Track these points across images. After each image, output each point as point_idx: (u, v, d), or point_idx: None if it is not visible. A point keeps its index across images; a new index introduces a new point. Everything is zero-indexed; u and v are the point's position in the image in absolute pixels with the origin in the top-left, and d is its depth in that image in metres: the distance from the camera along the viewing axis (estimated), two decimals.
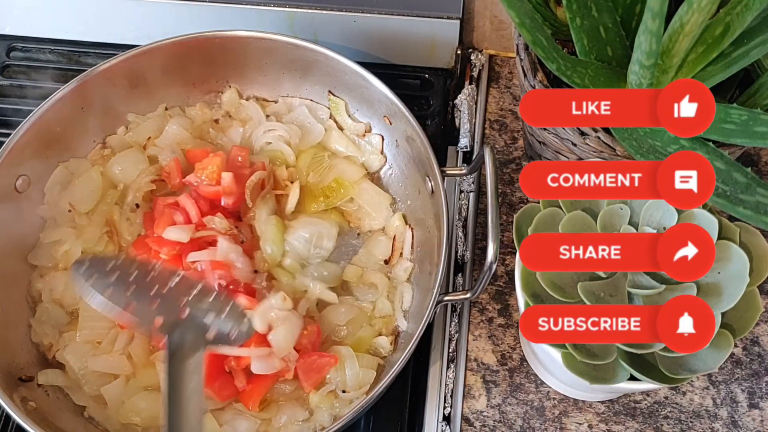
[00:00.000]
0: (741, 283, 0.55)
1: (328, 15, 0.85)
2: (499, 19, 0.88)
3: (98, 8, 0.89)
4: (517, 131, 0.85)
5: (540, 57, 0.57)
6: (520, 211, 0.62)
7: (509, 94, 0.89)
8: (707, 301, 0.52)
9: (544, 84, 0.65)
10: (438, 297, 0.65)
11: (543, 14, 0.64)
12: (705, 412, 0.70)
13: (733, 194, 0.54)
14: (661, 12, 0.48)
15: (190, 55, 0.78)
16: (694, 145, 0.57)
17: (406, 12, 0.84)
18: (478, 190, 0.82)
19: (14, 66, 0.91)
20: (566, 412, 0.70)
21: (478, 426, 0.70)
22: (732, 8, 0.54)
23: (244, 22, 0.85)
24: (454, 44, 0.87)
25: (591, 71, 0.60)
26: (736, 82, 0.65)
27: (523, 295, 0.59)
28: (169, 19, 0.87)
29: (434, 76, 0.89)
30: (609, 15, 0.60)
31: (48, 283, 0.72)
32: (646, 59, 0.53)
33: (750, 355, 0.73)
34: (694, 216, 0.57)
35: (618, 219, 0.58)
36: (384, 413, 0.70)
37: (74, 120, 0.75)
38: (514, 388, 0.72)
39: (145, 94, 0.79)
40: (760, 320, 0.73)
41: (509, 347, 0.74)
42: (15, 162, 0.71)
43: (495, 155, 0.65)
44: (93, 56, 0.91)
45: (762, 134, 0.54)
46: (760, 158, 0.84)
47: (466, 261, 0.78)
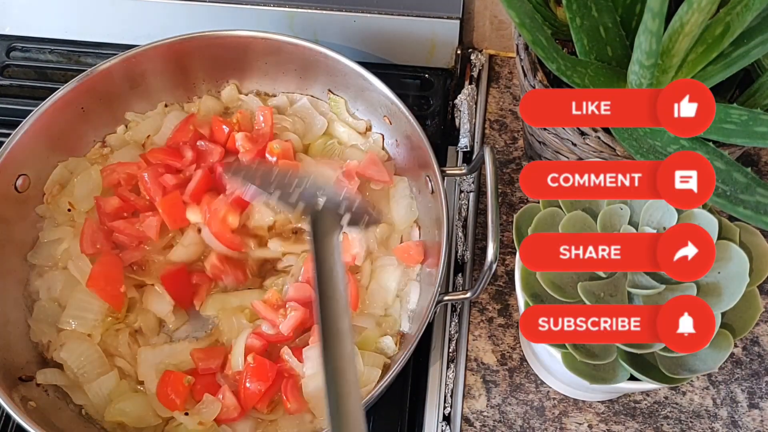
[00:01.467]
0: (741, 283, 0.55)
1: (328, 15, 0.85)
2: (499, 19, 0.88)
3: (98, 8, 0.89)
4: (517, 131, 0.85)
5: (540, 57, 0.57)
6: (520, 211, 0.62)
7: (509, 94, 0.89)
8: (707, 301, 0.52)
9: (544, 84, 0.65)
10: (438, 297, 0.65)
11: (543, 14, 0.64)
12: (705, 412, 0.70)
13: (733, 194, 0.54)
14: (661, 12, 0.47)
15: (190, 55, 0.78)
16: (694, 145, 0.57)
17: (406, 12, 0.84)
18: (478, 190, 0.82)
19: (14, 66, 0.91)
20: (566, 412, 0.70)
21: (478, 426, 0.70)
22: (732, 8, 0.54)
23: (244, 22, 0.85)
24: (454, 44, 0.87)
25: (591, 71, 0.60)
26: (736, 82, 0.65)
27: (523, 295, 0.59)
28: (169, 19, 0.87)
29: (434, 76, 0.89)
30: (609, 15, 0.60)
31: (46, 282, 0.72)
32: (646, 59, 0.53)
33: (750, 355, 0.73)
34: (694, 216, 0.57)
35: (618, 219, 0.58)
36: (384, 413, 0.70)
37: (74, 119, 0.76)
38: (514, 388, 0.72)
39: (144, 93, 0.79)
40: (760, 320, 0.73)
41: (509, 347, 0.74)
42: (15, 161, 0.71)
43: (495, 155, 0.65)
44: (93, 56, 0.91)
45: (762, 134, 0.54)
46: (760, 158, 0.84)
47: (466, 261, 0.78)
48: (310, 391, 0.66)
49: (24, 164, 0.72)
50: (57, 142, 0.75)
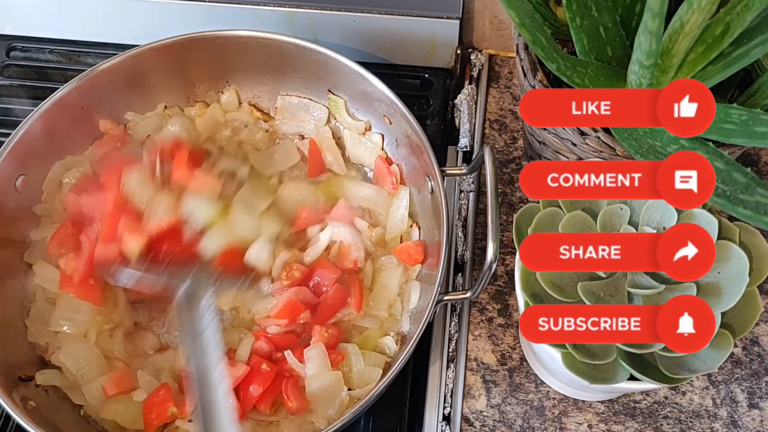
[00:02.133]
0: (741, 283, 0.55)
1: (327, 15, 0.85)
2: (499, 18, 0.88)
3: (98, 8, 0.89)
4: (516, 131, 0.85)
5: (540, 57, 0.57)
6: (519, 211, 0.62)
7: (509, 94, 0.89)
8: (707, 301, 0.52)
9: (544, 84, 0.65)
10: (438, 296, 0.65)
11: (543, 14, 0.64)
12: (705, 412, 0.70)
13: (733, 194, 0.54)
14: (661, 12, 0.47)
15: (189, 55, 0.78)
16: (694, 145, 0.57)
17: (406, 12, 0.84)
18: (477, 189, 0.82)
19: (14, 66, 0.91)
20: (566, 412, 0.70)
21: (477, 426, 0.70)
22: (732, 8, 0.54)
23: (244, 22, 0.85)
24: (454, 44, 0.87)
25: (591, 71, 0.60)
26: (736, 82, 0.65)
27: (523, 295, 0.59)
28: (168, 19, 0.87)
29: (434, 76, 0.89)
30: (609, 15, 0.60)
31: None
32: (646, 59, 0.53)
33: (750, 355, 0.73)
34: (694, 216, 0.57)
35: (618, 219, 0.58)
36: (384, 413, 0.70)
37: (74, 119, 0.75)
38: (513, 387, 0.72)
39: (144, 93, 0.79)
40: (759, 320, 0.73)
41: (509, 347, 0.74)
42: (15, 161, 0.71)
43: (495, 155, 0.65)
44: (93, 56, 0.91)
45: (762, 134, 0.54)
46: (760, 158, 0.84)
47: (465, 261, 0.78)
48: (312, 390, 0.66)
49: (24, 164, 0.72)
50: (57, 142, 0.75)
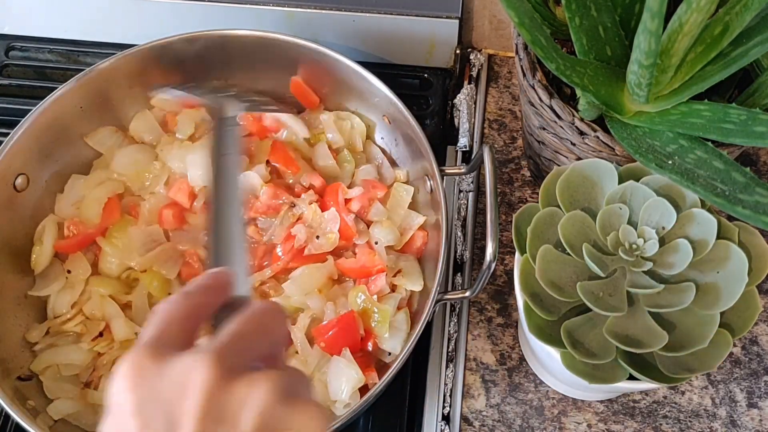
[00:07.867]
0: (740, 282, 0.55)
1: (327, 14, 0.85)
2: (498, 18, 0.88)
3: (98, 8, 0.89)
4: (516, 131, 0.86)
5: (539, 56, 0.57)
6: (519, 211, 0.62)
7: (508, 93, 0.89)
8: (707, 300, 0.51)
9: (543, 84, 0.65)
10: (437, 296, 0.65)
11: (542, 14, 0.64)
12: (704, 412, 0.70)
13: (732, 194, 0.54)
14: (660, 12, 0.47)
15: (189, 55, 0.78)
16: (694, 145, 0.57)
17: (406, 12, 0.84)
18: (477, 189, 0.82)
19: (13, 66, 0.91)
20: (565, 412, 0.70)
21: (477, 425, 0.70)
22: (731, 8, 0.54)
23: (243, 21, 0.85)
24: (453, 44, 0.87)
25: (590, 71, 0.60)
26: (735, 81, 0.65)
27: (522, 294, 0.59)
28: (168, 19, 0.87)
29: (433, 76, 0.89)
30: (608, 15, 0.60)
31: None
32: (645, 59, 0.52)
33: (749, 355, 0.73)
34: (693, 216, 0.57)
35: (617, 219, 0.58)
36: (383, 412, 0.70)
37: (73, 119, 0.75)
38: (513, 387, 0.72)
39: (144, 93, 0.79)
40: (758, 320, 0.73)
41: (508, 347, 0.74)
42: (14, 161, 0.71)
43: (494, 155, 0.65)
44: (92, 56, 0.91)
45: (761, 134, 0.54)
46: (759, 158, 0.84)
47: (465, 260, 0.78)
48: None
49: (23, 164, 0.72)
50: (56, 142, 0.75)
